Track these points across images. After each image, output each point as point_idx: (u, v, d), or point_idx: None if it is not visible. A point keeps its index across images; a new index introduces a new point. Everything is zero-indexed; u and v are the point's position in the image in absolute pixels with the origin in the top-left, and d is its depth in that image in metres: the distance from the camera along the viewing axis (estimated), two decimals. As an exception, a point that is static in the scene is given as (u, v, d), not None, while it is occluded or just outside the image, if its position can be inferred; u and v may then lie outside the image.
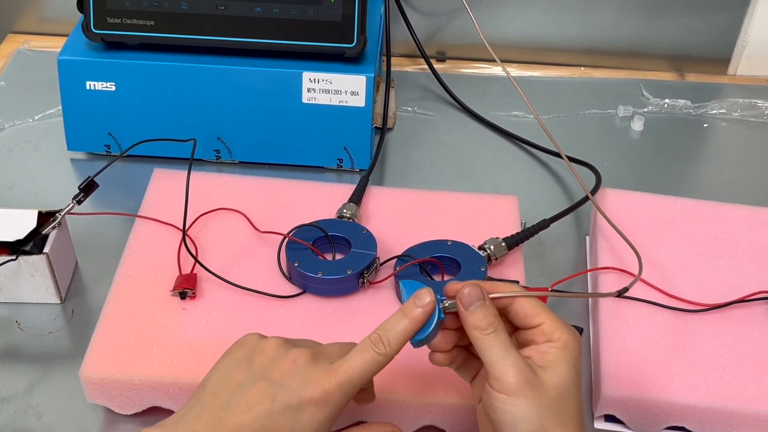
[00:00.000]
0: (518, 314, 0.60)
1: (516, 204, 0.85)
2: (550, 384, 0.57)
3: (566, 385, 0.58)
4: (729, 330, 0.74)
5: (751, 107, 1.08)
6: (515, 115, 1.06)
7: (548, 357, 0.58)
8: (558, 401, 0.57)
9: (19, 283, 0.77)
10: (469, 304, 0.59)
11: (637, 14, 1.12)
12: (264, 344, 0.60)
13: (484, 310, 0.58)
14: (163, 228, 0.80)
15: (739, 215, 0.85)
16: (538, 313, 0.60)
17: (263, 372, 0.58)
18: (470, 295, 0.59)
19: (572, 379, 0.58)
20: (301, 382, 0.57)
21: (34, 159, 0.96)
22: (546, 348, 0.59)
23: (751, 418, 0.69)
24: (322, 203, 0.84)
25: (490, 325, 0.58)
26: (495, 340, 0.58)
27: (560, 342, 0.59)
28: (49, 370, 0.74)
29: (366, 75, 0.89)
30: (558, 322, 0.59)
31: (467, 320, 0.59)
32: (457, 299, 0.60)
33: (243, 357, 0.60)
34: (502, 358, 0.57)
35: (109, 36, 0.89)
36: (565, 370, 0.58)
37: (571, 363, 0.59)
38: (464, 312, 0.59)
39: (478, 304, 0.59)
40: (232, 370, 0.59)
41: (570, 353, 0.59)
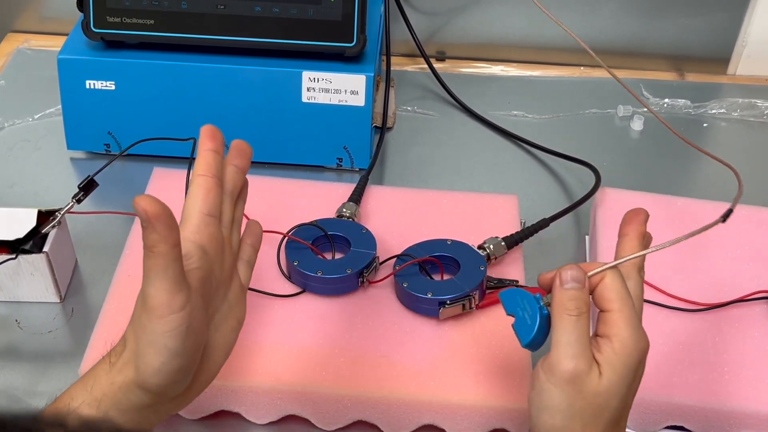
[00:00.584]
0: (598, 293, 0.57)
1: (515, 203, 0.85)
2: (594, 389, 0.55)
3: (609, 395, 0.55)
4: (728, 329, 0.74)
5: (751, 107, 1.08)
6: (515, 114, 1.06)
7: (603, 360, 0.56)
8: (594, 407, 0.55)
9: (18, 281, 0.77)
10: (566, 281, 0.57)
11: (636, 14, 1.12)
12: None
13: (578, 292, 0.56)
14: (162, 227, 0.80)
15: (738, 215, 0.84)
16: (614, 300, 0.57)
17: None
18: (572, 274, 0.57)
19: (618, 390, 0.55)
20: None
21: (34, 158, 0.96)
22: (603, 347, 0.56)
23: (750, 418, 0.69)
24: (321, 202, 0.84)
25: (576, 308, 0.56)
26: (572, 325, 0.56)
27: (618, 344, 0.56)
28: (49, 368, 0.74)
29: (366, 74, 0.89)
30: (627, 321, 0.56)
31: (557, 295, 0.57)
32: (557, 274, 0.58)
33: None
34: (567, 344, 0.56)
35: (109, 35, 0.89)
36: (614, 380, 0.55)
37: (623, 372, 0.56)
38: (558, 287, 0.57)
39: (575, 284, 0.57)
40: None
41: (624, 361, 0.56)
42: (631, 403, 0.58)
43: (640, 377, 0.58)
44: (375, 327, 0.73)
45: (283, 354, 0.70)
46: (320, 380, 0.69)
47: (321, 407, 0.69)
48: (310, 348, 0.71)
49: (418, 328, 0.73)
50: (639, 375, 0.57)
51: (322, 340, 0.72)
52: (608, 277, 0.57)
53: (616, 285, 0.57)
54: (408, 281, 0.74)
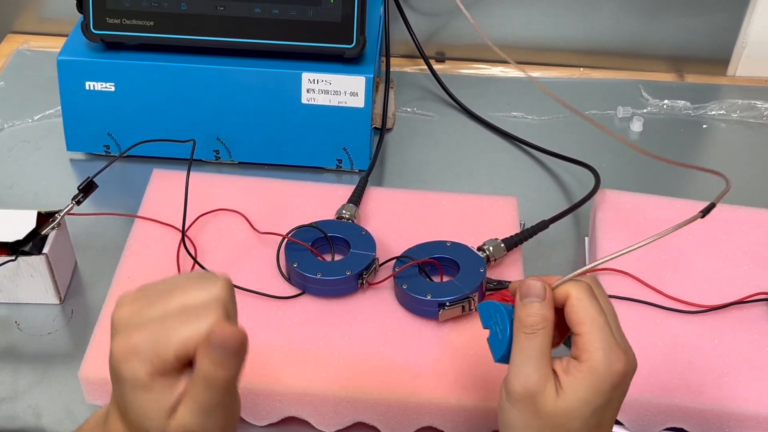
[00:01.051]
0: (567, 315, 0.55)
1: (515, 205, 0.85)
2: (550, 410, 0.54)
3: (568, 417, 0.53)
4: (728, 331, 0.74)
5: (751, 108, 1.08)
6: (514, 115, 1.06)
7: (566, 380, 0.54)
8: (552, 427, 0.54)
9: (18, 283, 0.77)
10: (525, 295, 0.56)
11: (636, 15, 1.12)
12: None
13: (537, 307, 0.55)
14: (162, 229, 0.80)
15: (738, 216, 0.85)
16: (583, 321, 0.54)
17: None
18: (530, 287, 0.55)
19: (580, 413, 0.53)
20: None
21: (34, 159, 0.96)
22: (572, 367, 0.54)
23: (749, 420, 0.69)
24: (321, 204, 0.84)
25: (532, 325, 0.54)
26: (528, 342, 0.54)
27: (586, 366, 0.53)
28: (48, 370, 0.74)
29: (365, 76, 0.89)
30: (597, 343, 0.53)
31: (516, 311, 0.56)
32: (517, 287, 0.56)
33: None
34: (521, 363, 0.55)
35: (109, 36, 0.89)
36: (573, 401, 0.53)
37: (587, 396, 0.53)
38: (517, 301, 0.56)
39: (534, 299, 0.55)
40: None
41: (590, 384, 0.53)
42: (606, 428, 0.56)
43: (615, 401, 0.55)
44: (374, 329, 0.73)
45: (282, 356, 0.70)
46: (320, 382, 0.69)
47: (320, 409, 0.69)
48: (310, 350, 0.71)
49: (417, 330, 0.73)
50: (612, 399, 0.55)
51: (321, 342, 0.72)
52: (573, 296, 0.55)
53: (584, 305, 0.55)
54: (407, 283, 0.74)
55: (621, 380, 0.55)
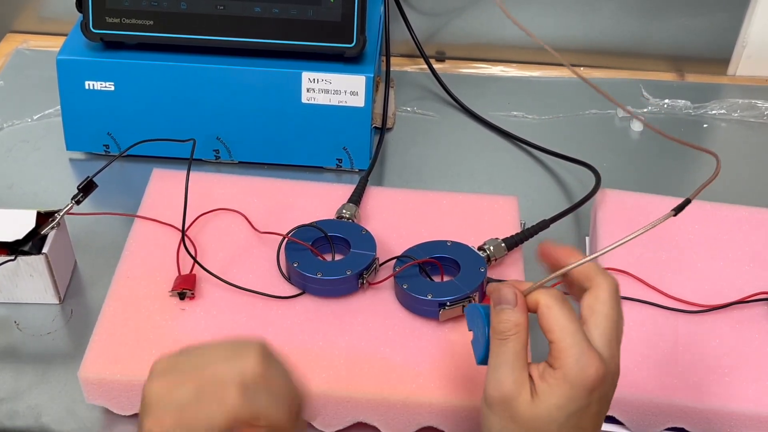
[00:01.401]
0: (540, 324, 0.56)
1: (515, 204, 0.85)
2: (525, 415, 0.54)
3: (543, 422, 0.54)
4: (729, 331, 0.74)
5: (751, 108, 1.08)
6: (514, 115, 1.06)
7: (541, 385, 0.55)
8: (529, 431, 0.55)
9: (17, 283, 0.77)
10: (497, 302, 0.57)
11: (636, 14, 1.12)
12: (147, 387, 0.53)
13: (508, 314, 0.56)
14: (162, 228, 0.80)
15: (738, 216, 0.85)
16: (553, 329, 0.55)
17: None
18: (500, 293, 0.57)
19: (553, 418, 0.54)
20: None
21: (33, 159, 0.96)
22: (546, 374, 0.55)
23: (750, 420, 0.69)
24: (321, 203, 0.83)
25: (505, 331, 0.56)
26: (501, 348, 0.56)
27: (559, 372, 0.54)
28: (48, 370, 0.74)
29: (365, 75, 0.89)
30: (568, 350, 0.54)
31: (491, 317, 0.57)
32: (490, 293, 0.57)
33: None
34: (495, 368, 0.56)
35: (108, 36, 0.89)
36: (547, 407, 0.54)
37: (561, 401, 0.54)
38: (492, 308, 0.57)
39: (505, 306, 0.56)
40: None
41: (564, 390, 0.54)
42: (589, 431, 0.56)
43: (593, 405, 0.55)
44: (375, 328, 0.73)
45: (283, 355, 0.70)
46: (320, 382, 0.69)
47: (321, 409, 0.69)
48: (310, 349, 0.71)
49: (418, 330, 0.73)
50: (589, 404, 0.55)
51: (321, 342, 0.72)
52: (542, 305, 0.56)
53: (552, 313, 0.55)
54: (408, 283, 0.74)
55: (596, 385, 0.54)
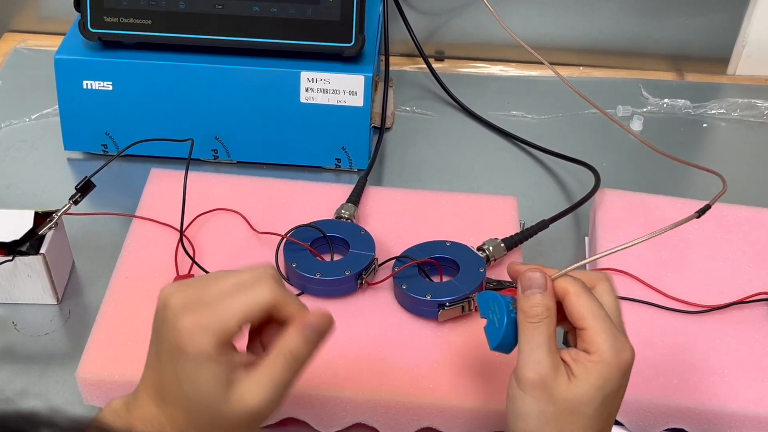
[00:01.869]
0: (569, 311, 0.58)
1: (515, 205, 0.84)
2: (564, 395, 0.56)
3: (580, 402, 0.56)
4: (729, 331, 0.74)
5: (751, 107, 1.08)
6: (514, 114, 1.06)
7: (577, 367, 0.56)
8: (565, 415, 0.56)
9: (15, 283, 0.77)
10: (527, 287, 0.58)
11: (636, 14, 1.11)
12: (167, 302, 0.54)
13: (539, 298, 0.57)
14: (160, 228, 0.80)
15: (738, 216, 0.84)
16: (586, 316, 0.56)
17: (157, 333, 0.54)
18: (531, 279, 0.58)
19: (591, 398, 0.55)
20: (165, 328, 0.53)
21: (31, 158, 0.96)
22: (581, 357, 0.56)
23: (750, 420, 0.69)
24: (320, 203, 0.83)
25: (537, 315, 0.57)
26: (535, 331, 0.56)
27: (595, 356, 0.56)
28: (46, 370, 0.74)
29: (364, 74, 0.89)
30: (604, 334, 0.56)
31: (520, 302, 0.58)
32: (518, 278, 0.58)
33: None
34: (530, 351, 0.56)
35: (107, 35, 0.88)
36: (586, 387, 0.55)
37: (598, 382, 0.56)
38: (520, 293, 0.58)
39: (536, 290, 0.57)
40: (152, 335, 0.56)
41: (601, 371, 0.56)
42: (614, 416, 0.58)
43: (622, 389, 0.58)
44: (374, 329, 0.73)
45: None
46: (319, 383, 0.68)
47: (319, 410, 0.69)
48: (309, 350, 0.71)
49: (417, 330, 0.73)
50: (621, 387, 0.57)
51: (320, 343, 0.71)
52: (572, 294, 0.57)
53: (583, 300, 0.57)
54: (407, 283, 0.74)
55: (628, 367, 0.57)
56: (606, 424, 0.57)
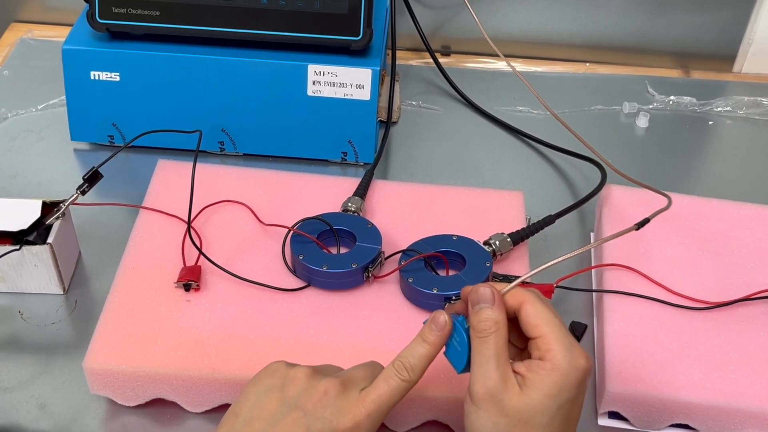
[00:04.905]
0: (523, 321, 0.58)
1: (521, 200, 0.84)
2: (516, 406, 0.55)
3: (534, 413, 0.55)
4: (734, 328, 0.74)
5: (757, 105, 1.08)
6: (520, 110, 1.06)
7: (530, 376, 0.56)
8: (519, 426, 0.55)
9: (22, 273, 0.77)
10: (475, 302, 0.58)
11: (642, 10, 1.11)
12: (294, 374, 0.60)
13: (487, 312, 0.58)
14: (167, 219, 0.80)
15: (744, 213, 0.85)
16: (540, 324, 0.57)
17: (296, 402, 0.58)
18: (480, 294, 0.58)
19: (545, 407, 0.55)
20: (334, 413, 0.57)
21: (38, 148, 0.96)
22: (534, 366, 0.56)
23: (755, 416, 0.69)
24: (326, 196, 0.83)
25: (485, 330, 0.57)
26: (483, 345, 0.57)
27: (549, 363, 0.56)
28: (52, 360, 0.74)
29: (371, 68, 0.89)
30: (557, 342, 0.56)
31: (470, 318, 0.58)
32: (468, 295, 0.59)
33: (274, 385, 0.60)
34: (480, 365, 0.57)
35: (114, 26, 0.88)
36: (539, 396, 0.55)
37: (552, 390, 0.55)
38: (470, 310, 0.59)
39: (484, 305, 0.58)
40: (264, 399, 0.59)
41: (555, 380, 0.55)
42: (573, 426, 0.58)
43: (579, 398, 0.57)
44: (380, 322, 0.73)
45: (288, 348, 0.70)
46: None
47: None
48: (315, 342, 0.71)
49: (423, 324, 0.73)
50: (577, 395, 0.57)
51: (326, 335, 0.72)
52: (527, 304, 0.58)
53: (537, 309, 0.58)
54: (413, 276, 0.74)
55: (584, 376, 0.57)
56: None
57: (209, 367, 0.68)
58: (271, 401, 0.59)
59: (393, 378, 0.58)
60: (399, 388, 0.58)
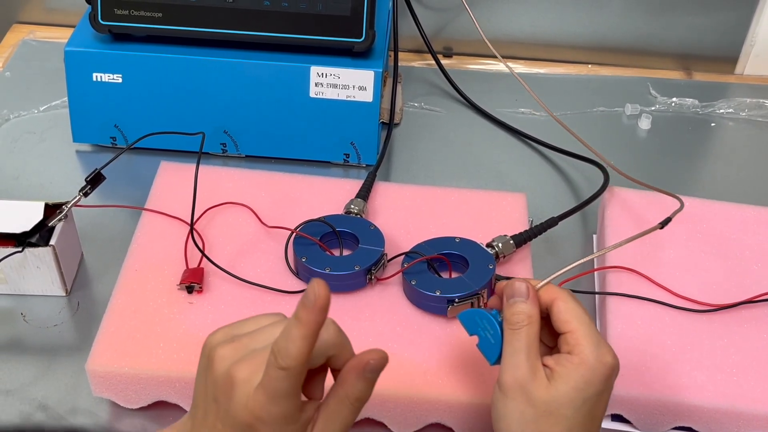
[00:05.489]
0: (555, 317, 0.60)
1: (524, 201, 0.84)
2: (542, 397, 0.57)
3: (560, 404, 0.57)
4: (737, 330, 0.74)
5: (759, 107, 1.08)
6: (522, 111, 1.06)
7: (558, 369, 0.58)
8: (545, 416, 0.57)
9: (24, 275, 0.77)
10: (510, 296, 0.60)
11: (644, 12, 1.11)
12: (214, 355, 0.53)
13: (521, 305, 0.59)
14: (169, 221, 0.80)
15: (747, 215, 0.84)
16: (571, 320, 0.59)
17: (213, 392, 0.53)
18: (515, 288, 0.60)
19: (571, 400, 0.57)
20: (236, 407, 0.51)
21: (40, 150, 0.96)
22: (562, 359, 0.58)
23: (758, 419, 0.69)
24: (328, 198, 0.83)
25: (518, 322, 0.59)
26: (514, 337, 0.59)
27: (577, 358, 0.58)
28: (54, 362, 0.74)
29: (374, 70, 0.89)
30: (586, 338, 0.58)
31: (504, 312, 0.60)
32: (504, 289, 0.61)
33: (203, 367, 0.54)
34: (510, 355, 0.59)
35: (117, 27, 0.88)
36: (566, 389, 0.57)
37: (579, 384, 0.57)
38: (504, 303, 0.60)
39: (518, 299, 0.60)
40: (199, 383, 0.55)
41: (582, 373, 0.57)
42: (598, 421, 0.59)
43: (605, 394, 0.59)
44: (382, 324, 0.73)
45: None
46: (327, 377, 0.68)
47: (328, 404, 0.69)
48: (318, 345, 0.71)
49: (425, 326, 0.73)
50: (603, 391, 0.58)
51: (329, 337, 0.71)
52: (560, 300, 0.60)
53: (570, 306, 0.60)
54: (416, 279, 0.74)
55: (611, 373, 0.58)
56: (588, 427, 0.58)
57: (212, 370, 0.68)
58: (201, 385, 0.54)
59: (270, 367, 0.50)
60: (280, 377, 0.50)
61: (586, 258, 0.67)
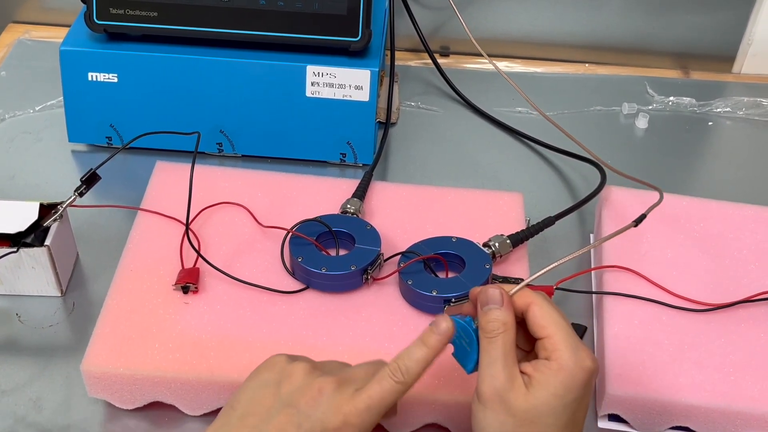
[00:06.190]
0: (531, 322, 0.59)
1: (521, 201, 0.84)
2: (522, 406, 0.56)
3: (539, 412, 0.56)
4: (734, 330, 0.74)
5: (756, 106, 1.08)
6: (519, 111, 1.06)
7: (536, 376, 0.57)
8: (525, 425, 0.56)
9: (19, 275, 0.77)
10: (484, 303, 0.59)
11: (642, 11, 1.11)
12: (292, 369, 0.59)
13: (496, 313, 0.58)
14: (165, 221, 0.80)
15: (744, 214, 0.84)
16: (547, 325, 0.58)
17: (290, 398, 0.58)
18: (487, 295, 0.59)
19: (551, 407, 0.56)
20: (325, 412, 0.57)
21: (35, 150, 0.95)
22: (540, 365, 0.57)
23: (756, 419, 0.69)
24: (325, 198, 0.83)
25: (494, 330, 0.58)
26: (491, 345, 0.58)
27: (555, 363, 0.56)
28: (49, 363, 0.74)
29: (370, 69, 0.89)
30: (564, 343, 0.57)
31: (479, 319, 0.59)
32: (477, 296, 0.60)
33: (271, 380, 0.59)
34: (487, 365, 0.58)
35: (112, 27, 0.88)
36: (546, 396, 0.56)
37: (558, 390, 0.56)
38: (479, 311, 0.59)
39: (493, 306, 0.58)
40: (259, 394, 0.59)
41: (561, 380, 0.56)
42: (579, 427, 0.58)
43: (585, 399, 0.58)
44: (379, 324, 0.73)
45: (286, 350, 0.69)
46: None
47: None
48: (313, 345, 0.71)
49: (422, 326, 0.72)
50: (583, 396, 0.57)
51: (325, 337, 0.71)
52: (535, 305, 0.59)
53: (545, 310, 0.58)
54: (413, 279, 0.74)
55: (590, 377, 0.57)
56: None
57: (208, 370, 0.68)
58: (267, 396, 0.58)
59: (387, 380, 0.57)
60: (392, 390, 0.57)
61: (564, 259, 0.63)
